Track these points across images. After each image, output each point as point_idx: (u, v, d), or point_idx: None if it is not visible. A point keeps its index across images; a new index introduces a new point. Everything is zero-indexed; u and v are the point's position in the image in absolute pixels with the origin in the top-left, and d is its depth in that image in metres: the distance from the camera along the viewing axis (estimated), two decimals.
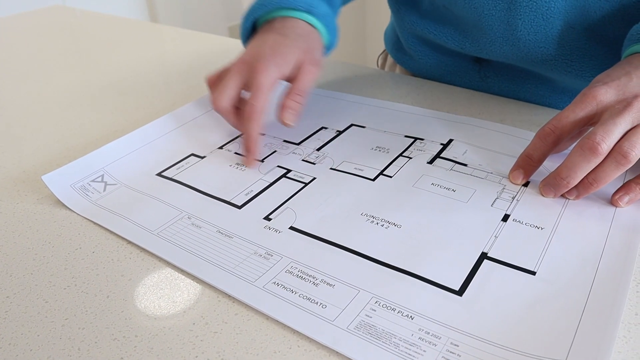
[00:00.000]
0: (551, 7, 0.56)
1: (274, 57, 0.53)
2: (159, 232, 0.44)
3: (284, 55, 0.54)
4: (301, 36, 0.57)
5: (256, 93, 0.52)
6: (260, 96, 0.52)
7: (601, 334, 0.32)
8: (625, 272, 0.37)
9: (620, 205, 0.44)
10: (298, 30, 0.57)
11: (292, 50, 0.55)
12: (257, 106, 0.52)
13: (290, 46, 0.55)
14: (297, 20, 0.59)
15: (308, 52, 0.56)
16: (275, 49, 0.54)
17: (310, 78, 0.55)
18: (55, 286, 0.40)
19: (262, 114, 0.52)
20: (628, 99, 0.42)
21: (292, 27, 0.57)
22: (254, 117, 0.52)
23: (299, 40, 0.56)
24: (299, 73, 0.55)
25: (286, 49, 0.54)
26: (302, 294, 0.37)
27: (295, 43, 0.55)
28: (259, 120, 0.52)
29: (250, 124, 0.52)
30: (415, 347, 0.33)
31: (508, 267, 0.38)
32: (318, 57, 0.58)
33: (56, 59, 0.89)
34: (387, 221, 0.43)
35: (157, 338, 0.35)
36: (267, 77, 0.52)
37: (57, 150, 0.59)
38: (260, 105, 0.52)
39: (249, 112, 0.52)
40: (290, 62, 0.54)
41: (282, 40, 0.55)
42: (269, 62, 0.53)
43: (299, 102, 0.54)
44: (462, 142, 0.54)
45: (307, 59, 0.55)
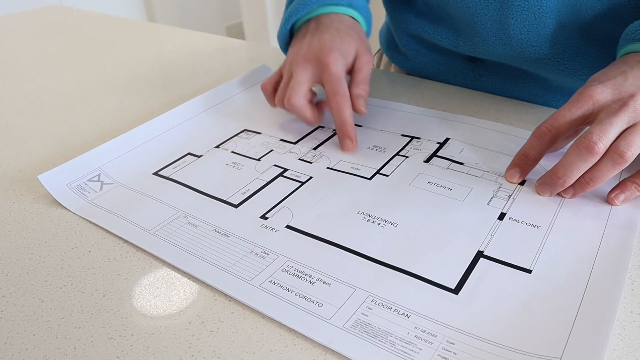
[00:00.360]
0: (543, 6, 0.56)
1: (339, 49, 0.56)
2: (156, 231, 0.44)
3: (345, 46, 0.57)
4: (351, 28, 0.60)
5: (337, 82, 0.54)
6: (342, 84, 0.54)
7: (596, 331, 0.32)
8: (621, 270, 0.37)
9: (616, 203, 0.44)
10: (347, 23, 0.60)
11: (350, 41, 0.58)
12: (343, 93, 0.54)
13: (347, 38, 0.58)
14: (341, 15, 0.61)
15: (362, 42, 0.59)
16: (335, 41, 0.57)
17: (369, 67, 0.58)
18: (51, 285, 0.40)
19: (349, 100, 0.55)
20: (624, 99, 0.43)
21: (340, 21, 0.60)
22: (345, 104, 0.54)
23: (352, 32, 0.59)
24: (358, 63, 0.58)
25: (344, 41, 0.57)
26: (298, 292, 0.37)
27: (350, 34, 0.58)
28: (349, 106, 0.55)
29: (344, 112, 0.54)
30: (411, 346, 0.33)
31: (504, 266, 0.38)
32: (369, 46, 0.61)
33: (53, 58, 0.89)
34: (383, 220, 0.43)
35: (153, 337, 0.35)
36: (339, 66, 0.55)
37: (54, 149, 0.59)
38: (345, 92, 0.54)
39: (339, 102, 0.54)
40: (351, 52, 0.57)
41: (337, 33, 0.58)
42: (336, 53, 0.55)
43: (366, 90, 0.57)
44: (459, 141, 0.54)
45: (363, 49, 0.58)
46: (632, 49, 0.48)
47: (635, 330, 0.33)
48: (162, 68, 0.82)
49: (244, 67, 0.79)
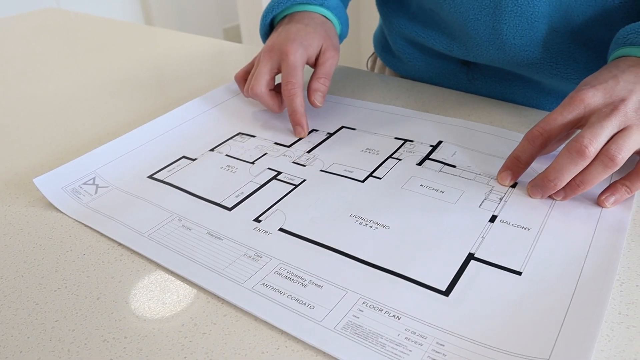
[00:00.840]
0: (535, 12, 0.57)
1: (301, 41, 0.59)
2: (150, 234, 0.44)
3: (308, 39, 0.60)
4: (320, 25, 0.62)
5: (292, 71, 0.58)
6: (297, 74, 0.58)
7: (584, 332, 0.33)
8: (610, 271, 0.37)
9: (606, 205, 0.44)
10: (316, 20, 0.63)
11: (315, 36, 0.60)
12: (295, 82, 0.57)
13: (312, 32, 0.61)
14: (313, 13, 0.64)
15: (328, 38, 0.62)
16: (300, 34, 0.60)
17: (333, 62, 0.61)
18: (46, 288, 0.40)
19: (301, 89, 0.57)
20: (615, 103, 0.43)
21: (311, 18, 0.63)
22: (296, 93, 0.57)
23: (318, 28, 0.62)
24: (322, 58, 0.60)
25: (310, 35, 0.60)
26: (290, 294, 0.37)
27: (316, 30, 0.61)
28: (301, 95, 0.58)
29: (295, 100, 0.57)
30: (402, 347, 0.33)
31: (494, 268, 0.39)
32: (336, 43, 0.63)
33: (50, 61, 0.89)
34: (375, 222, 0.44)
35: (147, 339, 0.35)
36: (298, 56, 0.58)
37: (49, 153, 0.59)
38: (298, 81, 0.58)
39: (290, 90, 0.57)
40: (314, 46, 0.60)
41: (304, 27, 0.61)
42: (297, 44, 0.58)
43: (325, 84, 0.60)
44: (451, 144, 0.55)
45: (329, 45, 0.61)
46: (623, 53, 0.49)
47: (623, 331, 0.34)
48: (158, 71, 0.82)
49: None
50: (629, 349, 0.33)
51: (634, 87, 0.44)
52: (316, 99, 0.58)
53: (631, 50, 0.48)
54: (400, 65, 0.78)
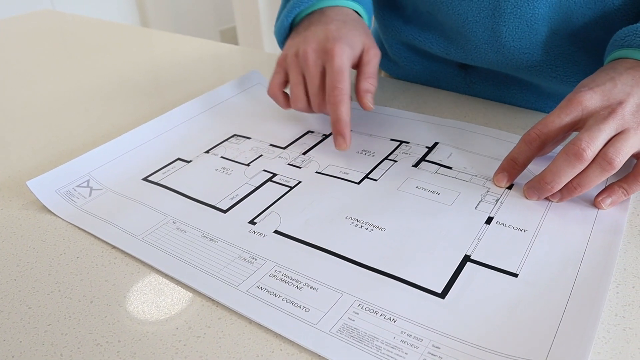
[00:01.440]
0: (535, 14, 0.57)
1: (346, 40, 0.54)
2: (144, 237, 0.44)
3: (352, 38, 0.55)
4: (357, 21, 0.58)
5: (339, 76, 0.52)
6: (344, 78, 0.52)
7: (580, 334, 0.33)
8: (606, 273, 0.37)
9: (603, 207, 0.44)
10: (352, 17, 0.59)
11: (356, 34, 0.56)
12: (343, 89, 0.52)
13: (354, 30, 0.56)
14: (345, 8, 0.60)
15: (368, 36, 0.57)
16: (342, 32, 0.55)
17: (377, 61, 0.56)
18: (39, 292, 0.40)
19: (349, 96, 0.52)
20: (612, 106, 0.43)
21: (345, 14, 0.59)
22: (342, 101, 0.52)
23: (357, 25, 0.57)
24: (365, 57, 0.56)
25: (352, 32, 0.55)
26: (285, 297, 0.37)
27: (356, 27, 0.57)
28: (348, 102, 0.52)
29: (340, 108, 0.52)
30: (397, 350, 0.33)
31: (491, 270, 0.39)
32: (374, 40, 0.59)
33: (44, 63, 0.89)
34: (371, 224, 0.44)
35: (140, 343, 0.35)
36: (345, 59, 0.53)
37: (43, 155, 0.58)
38: (345, 87, 0.52)
39: (337, 97, 0.52)
40: (358, 46, 0.55)
41: (343, 25, 0.56)
42: (344, 44, 0.53)
43: (374, 84, 0.55)
44: (447, 145, 0.55)
45: (371, 42, 0.57)
46: (620, 55, 0.48)
47: (619, 333, 0.34)
48: (153, 73, 0.82)
49: (236, 72, 0.79)
50: (625, 351, 0.32)
51: (631, 89, 0.44)
52: (368, 99, 0.54)
53: (629, 53, 0.48)
54: (396, 69, 0.77)
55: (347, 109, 0.52)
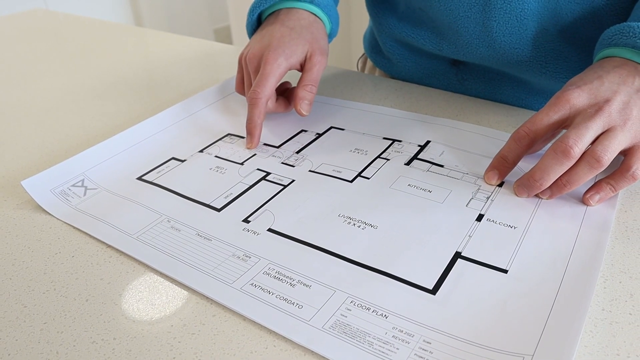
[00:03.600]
0: (525, 9, 0.57)
1: (283, 49, 0.57)
2: (139, 236, 0.44)
3: (292, 47, 0.57)
4: (306, 27, 0.60)
5: (261, 80, 0.56)
6: (264, 84, 0.55)
7: (568, 328, 0.33)
8: (593, 269, 0.38)
9: (591, 204, 0.45)
10: (302, 22, 0.61)
11: (299, 42, 0.58)
12: (259, 92, 0.55)
13: (297, 38, 0.58)
14: (301, 10, 0.62)
15: (314, 42, 0.59)
16: (282, 40, 0.58)
17: (320, 68, 0.59)
18: (34, 291, 0.40)
19: (264, 99, 0.55)
20: (599, 103, 0.44)
21: (297, 19, 0.61)
22: (256, 104, 0.55)
23: (304, 32, 0.59)
24: (308, 64, 0.58)
25: (293, 41, 0.58)
26: (279, 294, 0.37)
27: (301, 35, 0.59)
28: (261, 106, 0.55)
29: (252, 110, 0.56)
30: (389, 345, 0.33)
31: (481, 266, 0.39)
32: (324, 46, 0.61)
33: (37, 62, 0.89)
34: (363, 222, 0.44)
35: (136, 340, 0.35)
36: (275, 67, 0.56)
37: (38, 155, 0.59)
38: (264, 91, 0.55)
39: (252, 98, 0.56)
40: (298, 52, 0.58)
41: (288, 32, 0.59)
42: (278, 54, 0.56)
43: (311, 91, 0.58)
44: (439, 144, 0.55)
45: (315, 49, 0.59)
46: (608, 54, 0.49)
47: (606, 327, 0.34)
48: (148, 73, 0.82)
49: (230, 71, 0.80)
50: (612, 344, 0.33)
51: (618, 87, 0.44)
52: (302, 107, 0.57)
53: (616, 51, 0.48)
54: (390, 66, 0.78)
55: (260, 112, 0.56)
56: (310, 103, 0.57)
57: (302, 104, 0.57)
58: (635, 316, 0.35)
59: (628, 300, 0.36)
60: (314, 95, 0.58)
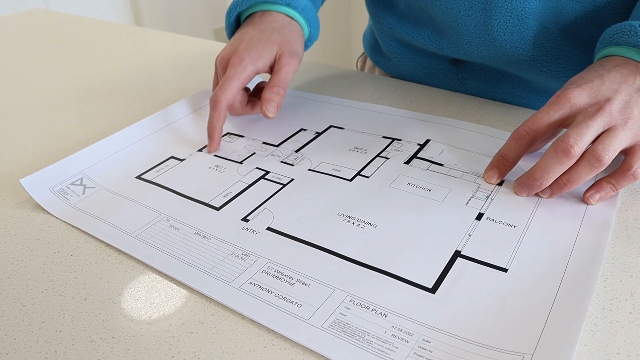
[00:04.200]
0: (526, 8, 0.57)
1: (249, 52, 0.56)
2: (138, 235, 0.44)
3: (259, 49, 0.57)
4: (277, 30, 0.59)
5: (224, 84, 0.55)
6: (225, 87, 0.55)
7: (568, 327, 0.33)
8: (594, 268, 0.38)
9: (592, 202, 0.45)
10: (274, 25, 0.59)
11: (267, 44, 0.57)
12: (219, 96, 0.55)
13: (265, 40, 0.57)
14: (275, 13, 0.61)
15: (284, 44, 0.58)
16: (250, 43, 0.57)
17: (288, 70, 0.57)
18: (33, 289, 0.40)
19: (224, 103, 0.54)
20: (600, 102, 0.43)
21: (270, 22, 0.60)
22: (215, 107, 0.55)
23: (274, 34, 0.58)
24: (276, 65, 0.57)
25: (261, 44, 0.57)
26: (278, 293, 0.37)
27: (270, 37, 0.58)
28: (220, 109, 0.55)
29: (212, 113, 0.55)
30: (388, 344, 0.33)
31: (481, 265, 0.39)
32: (296, 48, 0.59)
33: (38, 62, 0.89)
34: (363, 221, 0.44)
35: (134, 339, 0.35)
36: (239, 70, 0.55)
37: (37, 154, 0.59)
38: (224, 94, 0.55)
39: (212, 102, 0.55)
40: (265, 56, 0.57)
41: (258, 34, 0.58)
42: (243, 57, 0.56)
43: (278, 94, 0.56)
44: (439, 142, 0.55)
45: (284, 51, 0.57)
46: (609, 53, 0.49)
47: (606, 326, 0.34)
48: (148, 72, 0.82)
49: None
50: (612, 344, 0.33)
51: (619, 86, 0.44)
52: (268, 109, 0.55)
53: (617, 50, 0.48)
54: (390, 66, 0.78)
55: (219, 115, 0.55)
56: (278, 105, 0.56)
57: (268, 106, 0.55)
58: (635, 315, 0.35)
59: (628, 299, 0.36)
60: (282, 97, 0.56)
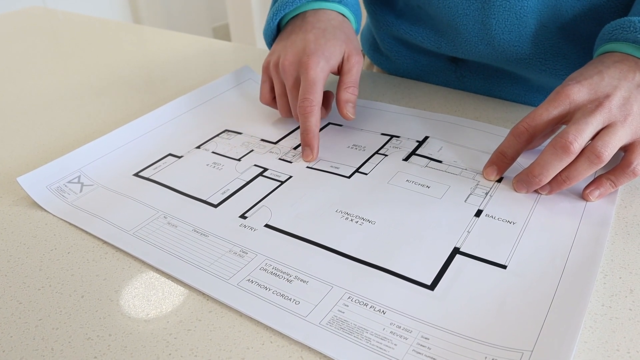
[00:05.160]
0: (524, 6, 0.57)
1: (323, 52, 0.54)
2: (135, 232, 0.44)
3: (329, 48, 0.55)
4: (338, 28, 0.58)
5: (310, 88, 0.53)
6: (315, 90, 0.53)
7: (567, 324, 0.33)
8: (593, 265, 0.38)
9: (591, 199, 0.44)
10: (333, 22, 0.58)
11: (336, 43, 0.56)
12: (313, 100, 0.53)
13: (332, 39, 0.56)
14: (329, 11, 0.60)
15: (349, 42, 0.57)
16: (320, 43, 0.55)
17: (359, 68, 0.57)
18: (30, 287, 0.40)
19: (318, 107, 0.53)
20: (600, 99, 0.43)
21: (327, 20, 0.58)
22: (312, 112, 0.53)
23: (337, 33, 0.57)
24: (346, 65, 0.56)
25: (330, 43, 0.56)
26: (276, 290, 0.37)
27: (335, 35, 0.57)
28: (317, 114, 0.53)
29: (309, 119, 0.53)
30: (387, 341, 0.33)
31: (480, 262, 0.39)
32: (358, 45, 0.59)
33: (35, 60, 0.88)
34: (361, 218, 0.44)
35: (131, 336, 0.35)
36: (319, 71, 0.53)
37: (34, 152, 0.58)
38: (316, 98, 0.53)
39: (306, 108, 0.53)
40: (336, 55, 0.56)
41: (322, 34, 0.56)
42: (318, 57, 0.54)
43: (354, 93, 0.55)
44: (438, 139, 0.55)
45: (352, 50, 0.57)
46: (608, 49, 0.49)
47: (606, 322, 0.34)
48: (146, 70, 0.81)
49: (229, 68, 0.79)
50: (611, 340, 0.33)
51: (618, 83, 0.44)
52: (348, 110, 0.55)
53: (616, 46, 0.48)
54: (388, 64, 0.78)
55: (316, 120, 0.53)
56: (355, 105, 0.55)
57: (347, 107, 0.55)
58: (635, 312, 0.35)
59: (628, 295, 0.36)
60: (356, 97, 0.56)
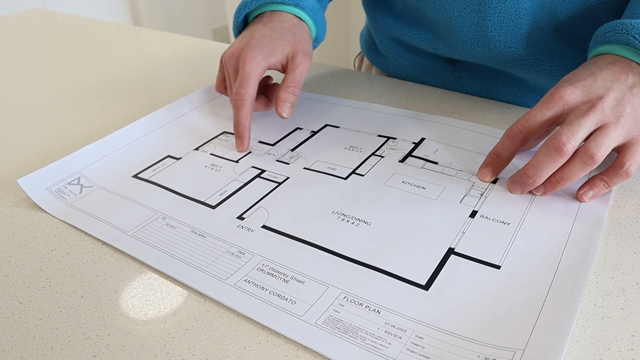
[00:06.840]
0: (519, 8, 0.58)
1: (261, 48, 0.56)
2: (134, 233, 0.44)
3: (271, 47, 0.56)
4: (288, 29, 0.59)
5: (243, 82, 0.54)
6: (247, 84, 0.54)
7: (559, 323, 0.33)
8: (586, 265, 0.38)
9: (585, 200, 0.45)
10: (285, 24, 0.60)
11: (280, 43, 0.57)
12: (243, 94, 0.54)
13: (278, 39, 0.57)
14: (285, 13, 0.61)
15: (297, 43, 0.58)
16: (262, 40, 0.57)
17: (302, 69, 0.57)
18: (30, 287, 0.40)
19: (250, 101, 0.54)
20: (593, 100, 0.44)
21: (280, 21, 0.60)
22: (242, 105, 0.54)
23: (285, 33, 0.58)
24: (290, 65, 0.57)
25: (274, 41, 0.57)
26: (272, 290, 0.38)
27: (282, 36, 0.58)
28: (247, 107, 0.54)
29: (239, 112, 0.55)
30: (381, 340, 0.34)
31: (474, 262, 0.39)
32: (308, 48, 0.60)
33: (35, 62, 0.89)
34: (357, 219, 0.44)
35: (130, 336, 0.36)
36: (255, 66, 0.55)
37: (34, 153, 0.59)
38: (248, 92, 0.54)
39: (237, 101, 0.54)
40: (277, 54, 0.57)
41: (269, 32, 0.58)
42: (256, 53, 0.55)
43: (293, 93, 0.56)
44: (434, 141, 0.55)
45: (297, 50, 0.58)
46: (602, 51, 0.49)
47: (597, 322, 0.35)
48: (146, 72, 0.82)
49: None
50: (603, 339, 0.33)
51: (611, 84, 0.44)
52: (283, 110, 0.55)
53: (610, 48, 0.48)
54: (386, 64, 0.78)
55: (247, 113, 0.55)
56: (292, 105, 0.56)
57: (284, 106, 0.55)
58: (626, 311, 0.35)
59: (620, 295, 0.37)
60: (297, 97, 0.56)
